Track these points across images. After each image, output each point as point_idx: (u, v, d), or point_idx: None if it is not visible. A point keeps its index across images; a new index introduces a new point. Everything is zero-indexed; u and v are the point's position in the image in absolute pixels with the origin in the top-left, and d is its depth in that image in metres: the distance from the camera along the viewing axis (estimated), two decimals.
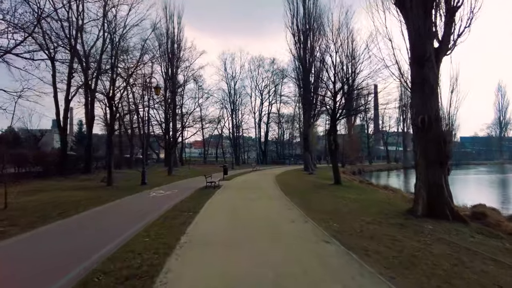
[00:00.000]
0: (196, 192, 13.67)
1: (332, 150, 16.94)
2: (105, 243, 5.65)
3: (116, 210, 9.54)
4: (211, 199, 11.40)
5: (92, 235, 6.43)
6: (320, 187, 15.76)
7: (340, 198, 12.04)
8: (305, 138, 32.51)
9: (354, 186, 16.93)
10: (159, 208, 9.50)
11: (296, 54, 32.38)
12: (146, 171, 18.01)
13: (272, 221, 7.61)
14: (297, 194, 12.78)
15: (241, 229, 6.80)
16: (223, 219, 7.88)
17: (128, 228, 6.80)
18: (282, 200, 11.20)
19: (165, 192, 14.01)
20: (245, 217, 8.23)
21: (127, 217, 8.25)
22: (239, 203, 10.43)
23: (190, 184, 17.51)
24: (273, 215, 8.49)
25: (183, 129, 48.70)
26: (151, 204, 10.56)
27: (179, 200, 11.25)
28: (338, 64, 15.95)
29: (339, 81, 16.00)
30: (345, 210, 9.31)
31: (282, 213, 8.74)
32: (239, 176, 24.18)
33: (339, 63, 15.81)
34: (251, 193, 13.27)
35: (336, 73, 16.02)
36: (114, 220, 8.03)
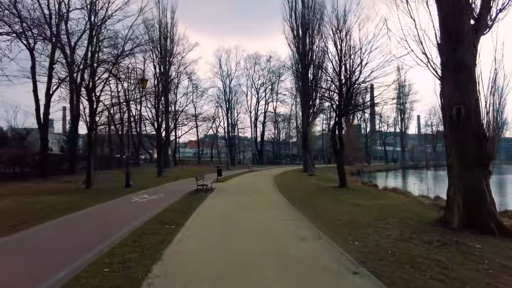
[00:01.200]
0: (185, 197, 11.97)
1: (337, 150, 15.39)
2: (39, 278, 3.95)
3: (83, 221, 7.81)
4: (201, 206, 9.72)
5: (26, 266, 4.68)
6: (324, 191, 14.19)
7: (351, 204, 10.47)
8: (304, 137, 30.98)
9: (360, 189, 15.40)
10: (137, 218, 7.80)
11: (294, 49, 30.87)
12: (130, 172, 16.26)
13: (276, 239, 5.96)
14: (301, 200, 11.19)
15: (236, 253, 5.14)
16: (212, 237, 6.21)
17: (85, 250, 5.10)
18: (284, 208, 9.57)
19: (150, 196, 12.29)
20: (241, 233, 6.57)
21: (91, 233, 6.53)
22: (234, 213, 8.76)
23: (180, 187, 15.81)
24: (276, 229, 6.84)
25: (175, 127, 47.22)
26: (129, 212, 8.85)
27: (164, 208, 9.55)
28: (345, 53, 14.39)
29: (346, 73, 14.41)
30: (362, 221, 7.72)
31: (287, 226, 7.10)
32: (235, 178, 22.51)
33: (346, 52, 14.24)
34: (247, 198, 11.63)
35: (344, 63, 14.46)
36: (74, 237, 6.31)
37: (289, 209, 9.35)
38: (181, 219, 7.62)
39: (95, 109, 14.46)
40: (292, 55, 30.97)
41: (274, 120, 59.31)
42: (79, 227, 7.03)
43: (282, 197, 11.86)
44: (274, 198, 11.77)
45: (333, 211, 9.06)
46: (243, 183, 18.18)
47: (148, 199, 11.73)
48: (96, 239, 5.87)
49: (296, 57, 30.40)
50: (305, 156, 30.81)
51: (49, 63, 21.08)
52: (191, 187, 14.31)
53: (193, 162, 56.14)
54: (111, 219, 8.03)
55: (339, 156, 15.43)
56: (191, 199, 11.24)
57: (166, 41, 45.09)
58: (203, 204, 10.09)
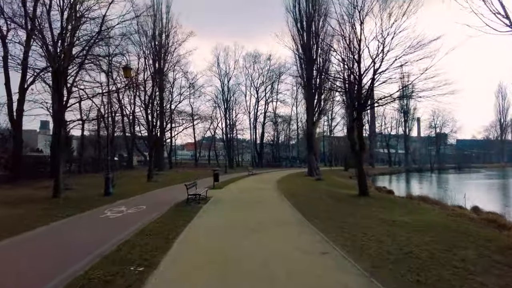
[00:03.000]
0: (171, 211, 9.41)
1: (357, 151, 12.91)
2: None
3: (3, 259, 5.25)
4: (188, 228, 7.14)
5: None
6: (343, 201, 11.69)
7: (386, 221, 7.98)
8: (309, 138, 28.54)
9: (383, 198, 12.91)
10: (90, 250, 5.27)
11: (299, 42, 28.50)
12: (110, 178, 13.69)
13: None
14: (319, 215, 8.69)
15: None
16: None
17: None
18: (304, 230, 7.03)
19: (127, 209, 9.73)
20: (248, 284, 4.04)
21: None
22: (234, 240, 6.18)
23: (169, 195, 13.26)
24: (305, 275, 4.33)
25: (171, 128, 44.63)
26: (84, 239, 6.28)
27: (137, 229, 7.01)
28: (368, 36, 11.98)
29: (374, 58, 11.93)
30: (420, 253, 5.25)
31: (319, 268, 4.58)
32: (233, 183, 19.96)
33: (371, 32, 11.81)
34: (251, 213, 9.10)
35: (363, 49, 12.05)
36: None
37: (311, 232, 6.82)
38: (156, 255, 5.07)
39: (65, 101, 11.92)
40: (295, 49, 28.54)
41: (275, 121, 56.87)
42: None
43: (295, 211, 9.33)
44: (286, 212, 9.24)
45: (371, 234, 6.57)
46: (244, 190, 15.64)
47: (124, 213, 9.18)
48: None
49: (300, 51, 28.00)
50: (310, 158, 28.34)
51: (24, 55, 18.51)
52: (181, 196, 11.72)
53: (190, 165, 53.60)
54: (48, 253, 5.42)
55: (359, 159, 12.93)
56: (178, 215, 8.68)
57: (160, 37, 42.84)
58: (192, 224, 7.53)
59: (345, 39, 13.21)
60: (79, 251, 5.30)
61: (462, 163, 73.61)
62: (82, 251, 5.26)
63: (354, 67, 12.75)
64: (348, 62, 13.51)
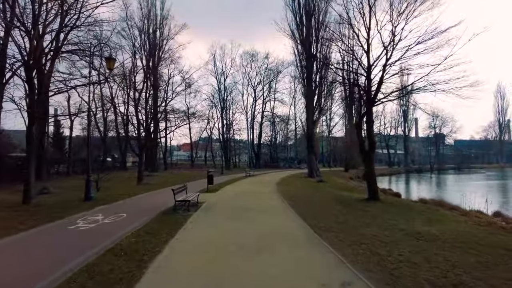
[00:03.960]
0: (154, 221, 7.99)
1: (366, 151, 11.58)
2: None
3: None
4: (170, 246, 5.70)
5: None
6: (352, 206, 10.34)
7: (409, 233, 6.67)
8: (309, 138, 27.22)
9: (395, 203, 11.57)
10: (28, 283, 3.88)
11: (298, 38, 27.22)
12: (91, 181, 12.27)
13: None
14: (331, 226, 7.35)
15: None
16: None
17: None
18: (315, 249, 5.66)
19: (104, 218, 8.33)
20: None
21: None
22: (228, 265, 4.78)
23: (158, 200, 11.82)
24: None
25: (166, 127, 43.10)
26: (33, 263, 4.88)
27: (107, 247, 5.62)
28: (379, 23, 10.67)
29: (386, 47, 10.62)
30: (474, 284, 3.93)
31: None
32: (229, 185, 18.58)
33: (382, 18, 10.51)
34: (249, 224, 7.71)
35: (373, 37, 10.75)
36: None
37: (324, 250, 5.46)
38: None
39: (37, 93, 10.47)
40: (295, 45, 27.28)
41: (272, 121, 55.53)
42: None
43: (300, 220, 7.95)
44: (290, 223, 7.86)
45: (398, 253, 5.25)
46: (241, 193, 14.24)
47: (99, 223, 7.77)
48: None
49: (299, 47, 26.73)
50: (310, 159, 27.02)
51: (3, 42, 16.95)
52: (171, 200, 10.21)
53: (186, 166, 52.11)
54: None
55: (369, 159, 11.60)
56: (161, 226, 7.29)
57: (154, 34, 41.43)
58: (175, 240, 6.13)
59: (352, 27, 11.89)
60: (14, 283, 3.90)
61: (461, 163, 72.81)
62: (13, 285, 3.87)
63: (362, 58, 11.46)
64: (356, 53, 12.20)
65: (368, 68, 11.72)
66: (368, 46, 11.70)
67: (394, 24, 10.70)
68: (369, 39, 11.64)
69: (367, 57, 11.74)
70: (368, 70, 11.72)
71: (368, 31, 11.55)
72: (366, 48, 11.71)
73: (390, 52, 11.00)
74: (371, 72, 11.69)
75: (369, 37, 11.62)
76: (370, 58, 11.70)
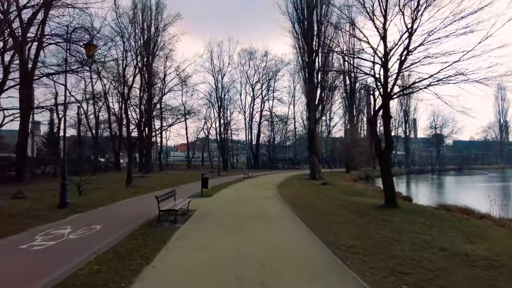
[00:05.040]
0: (131, 237, 6.40)
1: (382, 150, 10.10)
2: None
3: None
4: (141, 279, 4.19)
5: None
6: (369, 215, 8.82)
7: (463, 257, 5.17)
8: (311, 137, 25.74)
9: (418, 211, 10.03)
10: None
11: (300, 32, 25.80)
12: (67, 185, 10.67)
13: None
14: (353, 244, 5.84)
15: None
16: None
17: None
18: (340, 283, 4.16)
19: (71, 233, 6.77)
20: None
21: None
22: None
23: (143, 206, 10.23)
24: None
25: (161, 126, 41.44)
26: None
27: (58, 281, 4.08)
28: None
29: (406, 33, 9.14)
30: None
31: None
32: (226, 189, 17.02)
33: None
34: (249, 241, 6.14)
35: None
36: None
37: (353, 285, 3.96)
38: None
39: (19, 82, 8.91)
40: (295, 36, 25.81)
41: (271, 120, 54.04)
42: None
43: (313, 236, 6.41)
44: (301, 240, 6.29)
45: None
46: (239, 199, 12.67)
47: (62, 240, 6.21)
48: None
49: (301, 39, 25.27)
50: (312, 160, 25.52)
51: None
52: (163, 206, 8.69)
53: (182, 167, 50.51)
54: None
55: (385, 161, 10.10)
56: (139, 245, 5.74)
57: (149, 29, 39.89)
58: (152, 268, 4.58)
59: (366, 9, 10.43)
60: None
61: (462, 164, 71.79)
62: None
63: (375, 45, 9.99)
64: (369, 39, 10.71)
65: (384, 56, 10.26)
66: (385, 31, 10.26)
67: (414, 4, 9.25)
68: (386, 22, 10.20)
69: (383, 43, 10.29)
70: (384, 58, 10.26)
71: (385, 13, 10.11)
72: (382, 33, 10.26)
73: (410, 37, 9.56)
74: (388, 61, 10.24)
75: (385, 20, 10.18)
76: (387, 44, 10.22)
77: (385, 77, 10.18)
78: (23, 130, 21.49)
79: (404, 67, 9.79)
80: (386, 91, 10.04)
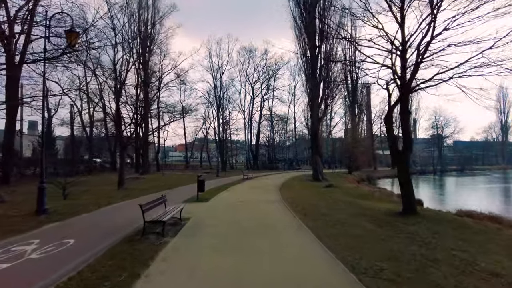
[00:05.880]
0: (106, 258, 5.18)
1: (400, 151, 8.93)
2: None
3: None
4: None
5: None
6: (389, 225, 7.68)
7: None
8: (314, 137, 24.60)
9: (443, 220, 8.85)
10: None
11: (302, 27, 24.68)
12: (45, 188, 9.49)
13: None
14: (385, 266, 4.69)
15: None
16: None
17: None
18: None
19: (34, 250, 5.58)
20: None
21: None
22: None
23: (131, 212, 8.97)
24: None
25: (158, 126, 40.20)
26: None
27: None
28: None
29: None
30: None
31: None
32: (225, 191, 15.85)
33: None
34: (254, 267, 4.91)
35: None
36: None
37: None
38: None
39: None
40: (299, 33, 24.69)
41: (271, 120, 52.87)
42: None
43: (330, 257, 5.21)
44: (317, 264, 5.09)
45: None
46: (238, 204, 11.47)
47: (19, 261, 5.02)
48: None
49: (303, 33, 24.15)
50: (315, 160, 24.36)
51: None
52: (151, 214, 7.47)
53: (180, 167, 49.32)
54: None
55: (403, 162, 8.92)
56: (111, 272, 4.54)
57: (144, 22, 38.68)
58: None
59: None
60: None
61: (464, 165, 70.84)
62: None
63: (393, 33, 8.85)
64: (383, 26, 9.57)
65: (402, 45, 9.13)
66: (403, 16, 9.13)
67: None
68: (404, 6, 9.08)
69: (401, 30, 9.16)
70: (402, 47, 9.14)
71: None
72: (400, 18, 9.13)
73: (434, 21, 8.43)
74: (406, 50, 9.10)
75: (403, 3, 9.06)
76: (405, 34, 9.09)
77: (403, 67, 9.04)
78: (9, 128, 20.28)
79: (426, 55, 8.63)
80: (405, 83, 8.90)
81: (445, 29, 8.42)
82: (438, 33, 8.12)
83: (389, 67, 9.24)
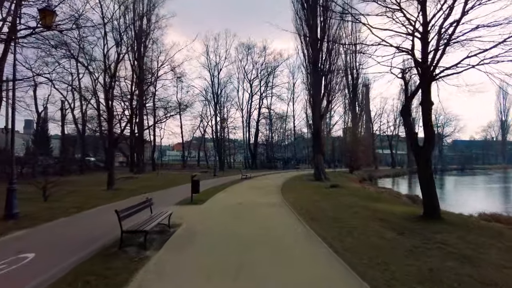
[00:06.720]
0: (68, 280, 4.06)
1: (421, 147, 7.83)
2: None
3: None
4: None
5: None
6: (412, 232, 6.58)
7: None
8: (316, 134, 23.49)
9: (469, 225, 7.77)
10: None
11: (304, 19, 23.56)
12: (15, 190, 8.31)
13: None
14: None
15: None
16: None
17: None
18: None
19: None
20: None
21: None
22: None
23: (114, 216, 7.88)
24: None
25: (154, 124, 38.96)
26: None
27: None
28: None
29: None
30: None
31: None
32: (222, 192, 14.69)
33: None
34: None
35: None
36: None
37: None
38: None
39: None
40: (297, 19, 23.56)
41: (270, 118, 51.74)
42: None
43: (359, 283, 4.11)
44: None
45: None
46: (237, 208, 10.29)
47: None
48: None
49: (304, 26, 23.02)
50: (318, 159, 23.26)
51: None
52: (134, 219, 6.28)
53: (177, 166, 48.13)
54: None
55: (424, 160, 7.82)
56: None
57: (141, 21, 37.41)
58: None
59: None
60: None
61: (464, 164, 70.20)
62: None
63: (415, 20, 7.74)
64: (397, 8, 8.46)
65: (424, 26, 8.02)
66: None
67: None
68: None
69: (422, 10, 8.04)
70: (424, 30, 8.02)
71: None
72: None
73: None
74: (428, 31, 7.99)
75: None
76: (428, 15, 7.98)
77: (424, 52, 7.93)
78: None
79: (452, 38, 7.52)
80: (428, 69, 7.78)
81: (473, 7, 7.34)
82: (470, 8, 7.00)
83: (408, 51, 8.12)
